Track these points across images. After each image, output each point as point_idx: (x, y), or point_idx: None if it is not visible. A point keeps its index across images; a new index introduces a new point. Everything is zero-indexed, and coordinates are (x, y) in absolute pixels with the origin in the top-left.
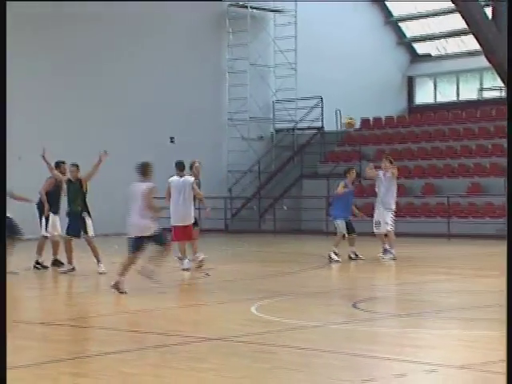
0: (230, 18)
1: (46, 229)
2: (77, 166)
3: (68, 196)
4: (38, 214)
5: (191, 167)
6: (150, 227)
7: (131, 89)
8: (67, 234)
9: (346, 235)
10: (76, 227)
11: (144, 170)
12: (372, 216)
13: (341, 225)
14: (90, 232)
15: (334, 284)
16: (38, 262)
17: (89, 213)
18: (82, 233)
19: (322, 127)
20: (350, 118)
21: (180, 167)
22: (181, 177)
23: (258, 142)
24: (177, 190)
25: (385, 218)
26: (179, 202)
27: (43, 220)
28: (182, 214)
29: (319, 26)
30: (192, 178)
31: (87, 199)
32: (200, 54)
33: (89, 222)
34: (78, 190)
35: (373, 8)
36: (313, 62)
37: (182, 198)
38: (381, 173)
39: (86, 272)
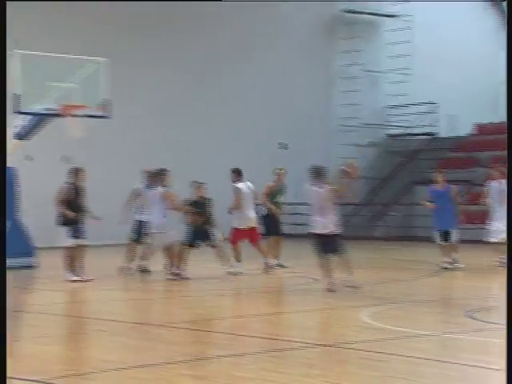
0: (343, 23)
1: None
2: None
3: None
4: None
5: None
6: (330, 226)
7: (242, 94)
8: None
9: (442, 243)
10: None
11: (319, 173)
12: (482, 223)
13: (435, 235)
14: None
15: (447, 292)
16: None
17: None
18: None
19: (436, 133)
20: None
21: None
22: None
23: (368, 148)
24: (247, 195)
25: (502, 227)
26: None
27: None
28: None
29: (434, 30)
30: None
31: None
32: (312, 60)
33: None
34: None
35: (490, 10)
36: (427, 67)
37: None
38: (494, 182)
39: (205, 276)
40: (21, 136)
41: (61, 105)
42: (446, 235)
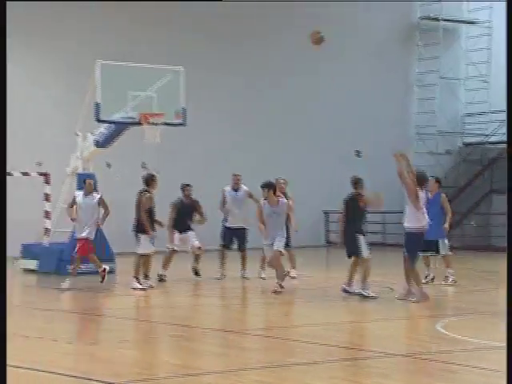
0: (421, 31)
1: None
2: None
3: None
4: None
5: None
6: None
7: (318, 101)
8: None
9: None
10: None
11: (423, 180)
12: None
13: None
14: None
15: None
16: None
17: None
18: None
19: None
20: None
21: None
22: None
23: (445, 156)
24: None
25: None
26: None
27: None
28: None
29: None
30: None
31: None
32: (388, 67)
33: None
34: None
35: None
36: (505, 75)
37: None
38: None
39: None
40: (100, 143)
41: (140, 113)
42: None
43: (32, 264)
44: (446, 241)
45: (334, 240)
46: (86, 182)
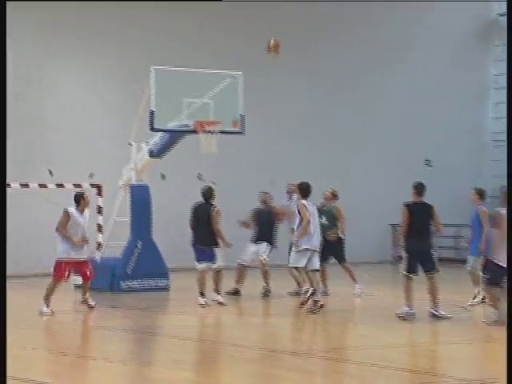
0: (498, 28)
1: None
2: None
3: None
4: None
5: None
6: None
7: (382, 105)
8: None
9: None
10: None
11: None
12: None
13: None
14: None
15: None
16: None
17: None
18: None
19: None
20: None
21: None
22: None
23: None
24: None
25: None
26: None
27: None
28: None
29: None
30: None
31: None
32: (462, 69)
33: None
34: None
35: None
36: None
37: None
38: None
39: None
40: (154, 153)
41: (195, 121)
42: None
43: None
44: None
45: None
46: (84, 196)
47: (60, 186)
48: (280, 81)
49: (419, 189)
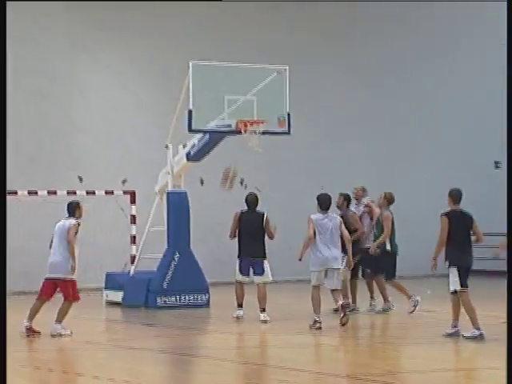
0: None
1: None
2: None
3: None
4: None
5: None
6: None
7: (446, 102)
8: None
9: None
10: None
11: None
12: None
13: None
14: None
15: None
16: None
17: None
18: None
19: None
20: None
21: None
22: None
23: None
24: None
25: None
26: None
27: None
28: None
29: None
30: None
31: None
32: None
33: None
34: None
35: None
36: None
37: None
38: None
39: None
40: (192, 157)
41: (238, 120)
42: None
43: (117, 296)
44: None
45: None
46: (80, 205)
47: (91, 193)
48: (329, 76)
49: (455, 196)
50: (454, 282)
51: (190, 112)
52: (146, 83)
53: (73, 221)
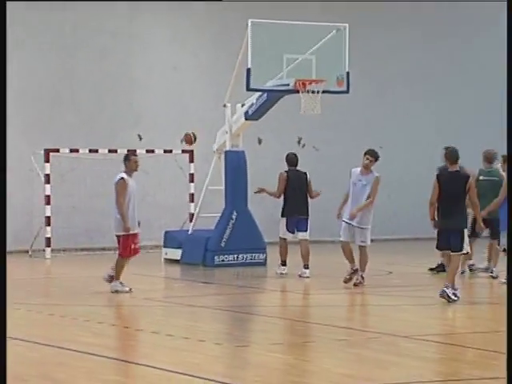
0: None
1: None
2: None
3: None
4: None
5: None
6: None
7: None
8: None
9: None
10: None
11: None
12: None
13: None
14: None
15: None
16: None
17: None
18: None
19: None
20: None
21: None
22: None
23: None
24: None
25: None
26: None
27: None
28: None
29: None
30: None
31: None
32: None
33: None
34: None
35: None
36: None
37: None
38: None
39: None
40: (251, 115)
41: (296, 79)
42: None
43: (175, 254)
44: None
45: None
46: (131, 156)
47: (150, 151)
48: (390, 34)
49: (449, 156)
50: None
51: (248, 70)
52: (205, 42)
53: (118, 176)
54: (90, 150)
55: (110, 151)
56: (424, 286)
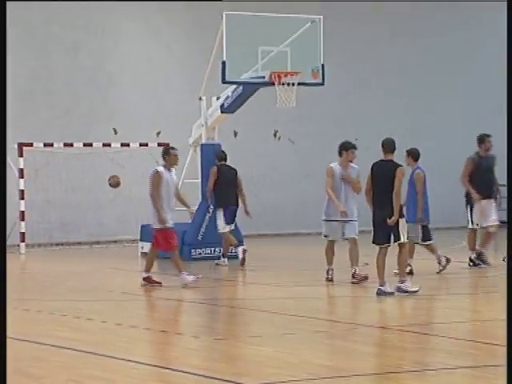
0: None
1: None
2: None
3: None
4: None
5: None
6: None
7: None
8: None
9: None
10: None
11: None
12: None
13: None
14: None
15: None
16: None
17: None
18: None
19: None
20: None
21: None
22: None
23: None
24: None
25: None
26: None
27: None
28: None
29: None
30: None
31: None
32: None
33: None
34: None
35: None
36: None
37: None
38: None
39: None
40: (226, 108)
41: (272, 72)
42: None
43: None
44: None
45: None
46: (171, 150)
47: (125, 145)
48: (363, 26)
49: (385, 145)
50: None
51: (223, 63)
52: (179, 35)
53: (153, 169)
54: (65, 144)
55: (84, 145)
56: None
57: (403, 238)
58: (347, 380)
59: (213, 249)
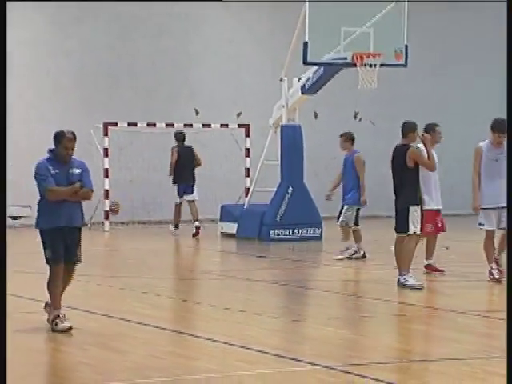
0: None
1: None
2: None
3: None
4: None
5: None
6: None
7: None
8: None
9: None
10: None
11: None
12: None
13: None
14: None
15: None
16: None
17: None
18: None
19: None
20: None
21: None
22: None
23: None
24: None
25: None
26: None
27: None
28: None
29: None
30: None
31: None
32: None
33: None
34: None
35: None
36: None
37: None
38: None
39: None
40: (307, 90)
41: (354, 53)
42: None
43: (231, 228)
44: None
45: None
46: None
47: (206, 126)
48: (452, 8)
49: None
50: None
51: (305, 44)
52: (261, 16)
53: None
54: (148, 124)
55: (167, 125)
56: (482, 262)
57: (412, 230)
58: (425, 364)
59: (291, 230)
